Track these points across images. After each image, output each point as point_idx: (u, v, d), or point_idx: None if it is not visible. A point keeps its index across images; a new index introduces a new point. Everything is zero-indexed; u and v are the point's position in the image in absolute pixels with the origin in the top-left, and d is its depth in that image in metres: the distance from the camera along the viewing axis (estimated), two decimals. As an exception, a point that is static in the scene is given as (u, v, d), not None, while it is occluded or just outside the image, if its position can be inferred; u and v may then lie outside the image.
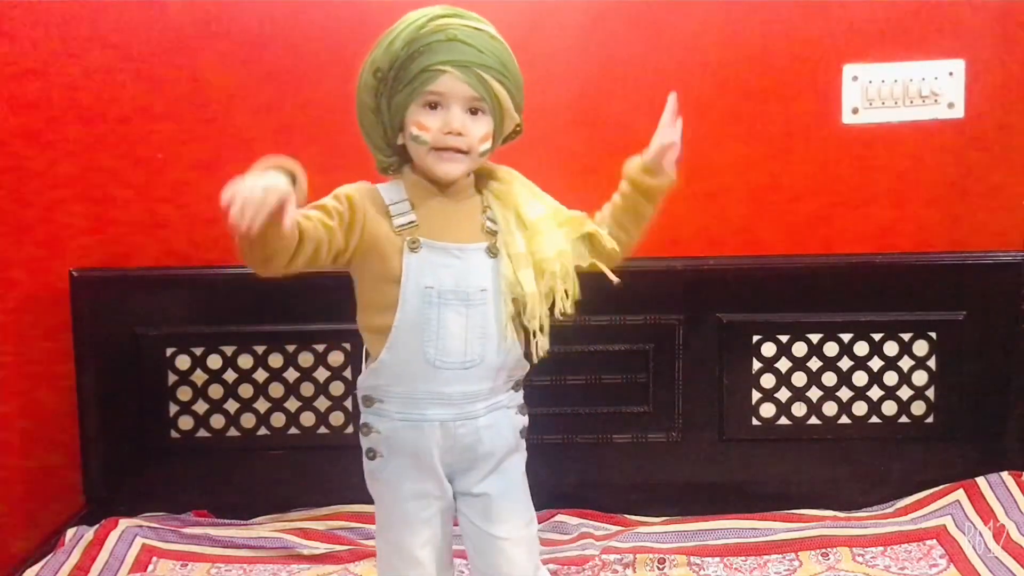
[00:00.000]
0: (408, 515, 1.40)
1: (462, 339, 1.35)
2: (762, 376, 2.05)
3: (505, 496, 1.43)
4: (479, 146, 1.35)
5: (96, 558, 1.80)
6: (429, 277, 1.34)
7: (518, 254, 1.37)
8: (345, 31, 2.02)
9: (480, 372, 1.37)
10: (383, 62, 1.34)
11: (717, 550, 1.87)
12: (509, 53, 1.37)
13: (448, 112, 1.33)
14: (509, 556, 1.42)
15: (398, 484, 1.39)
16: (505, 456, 1.42)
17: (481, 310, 1.36)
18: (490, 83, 1.33)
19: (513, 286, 1.37)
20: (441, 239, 1.36)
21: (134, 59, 2.02)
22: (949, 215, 2.08)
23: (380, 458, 1.40)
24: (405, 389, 1.37)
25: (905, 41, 2.04)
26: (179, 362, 2.03)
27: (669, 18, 2.04)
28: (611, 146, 2.07)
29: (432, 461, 1.38)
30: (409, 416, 1.37)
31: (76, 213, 2.06)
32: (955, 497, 1.94)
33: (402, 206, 1.37)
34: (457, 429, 1.38)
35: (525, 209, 1.40)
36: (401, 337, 1.34)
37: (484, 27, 1.35)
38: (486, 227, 1.39)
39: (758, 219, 2.09)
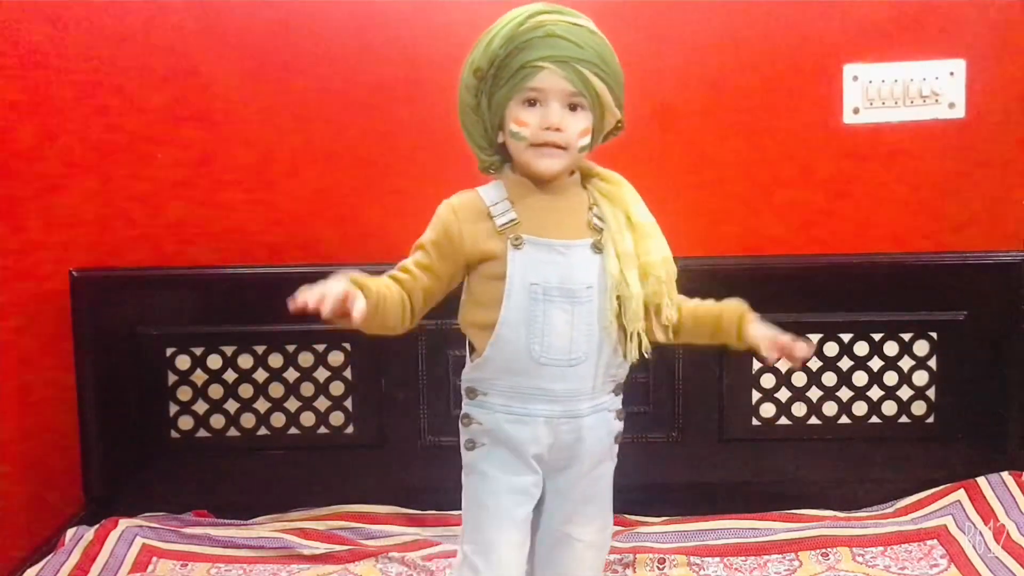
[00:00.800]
0: (502, 511, 1.38)
1: (567, 336, 1.35)
2: (762, 376, 2.05)
3: (591, 500, 1.43)
4: (578, 142, 1.34)
5: (96, 558, 1.79)
6: (533, 274, 1.34)
7: (626, 253, 1.36)
8: (344, 31, 2.02)
9: (584, 369, 1.36)
10: (483, 61, 1.34)
11: (717, 550, 1.87)
12: (609, 48, 1.36)
13: (547, 108, 1.32)
14: (580, 558, 1.42)
15: (496, 476, 1.38)
16: (600, 460, 1.42)
17: (587, 307, 1.35)
18: (589, 78, 1.32)
19: (619, 284, 1.36)
20: (544, 235, 1.35)
21: (134, 59, 2.02)
22: (949, 215, 2.08)
23: (481, 447, 1.38)
24: (510, 384, 1.36)
25: (905, 41, 2.04)
26: (179, 362, 2.03)
27: (669, 18, 2.04)
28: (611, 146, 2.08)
29: (530, 456, 1.38)
30: (513, 410, 1.37)
31: (76, 213, 2.06)
32: (955, 497, 1.94)
33: (503, 205, 1.36)
34: (560, 426, 1.37)
35: (635, 210, 1.39)
36: (506, 333, 1.34)
37: (583, 23, 1.35)
38: (592, 224, 1.38)
39: (758, 219, 2.09)
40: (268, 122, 2.05)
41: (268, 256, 2.08)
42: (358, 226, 2.08)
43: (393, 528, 1.97)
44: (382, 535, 1.95)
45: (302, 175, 2.07)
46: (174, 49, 2.02)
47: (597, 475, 1.42)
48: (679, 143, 2.07)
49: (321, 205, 2.08)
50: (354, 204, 2.07)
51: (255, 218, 2.07)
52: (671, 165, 2.07)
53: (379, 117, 2.05)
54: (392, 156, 2.06)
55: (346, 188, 2.08)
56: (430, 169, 1.99)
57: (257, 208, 2.07)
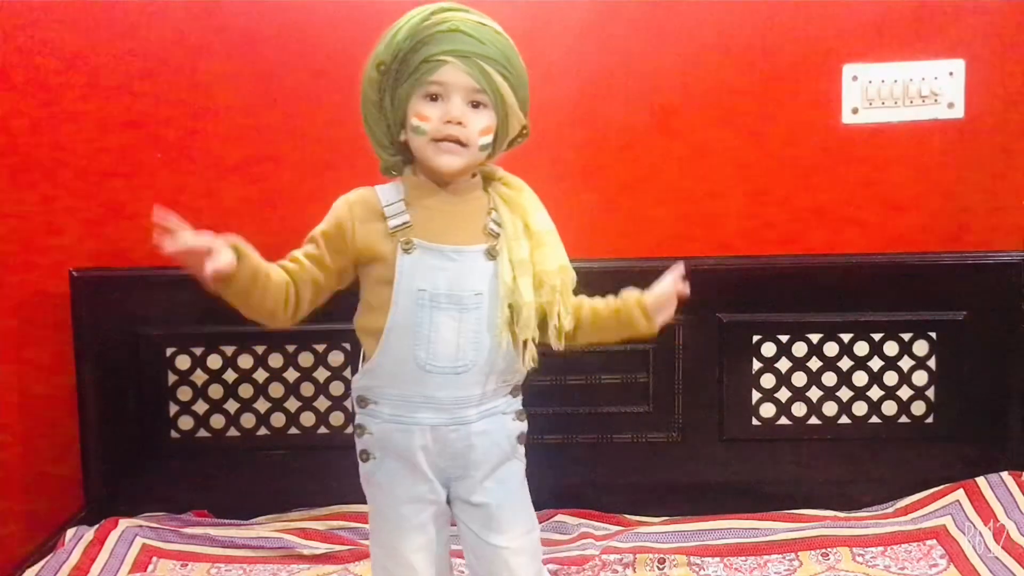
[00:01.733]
0: (402, 519, 1.39)
1: (454, 343, 1.34)
2: (762, 376, 2.05)
3: (504, 505, 1.41)
4: (479, 139, 1.34)
5: (96, 558, 1.80)
6: (422, 279, 1.33)
7: (521, 260, 1.36)
8: (346, 31, 2.02)
9: (472, 377, 1.35)
10: (386, 55, 1.34)
11: (717, 550, 1.87)
12: (513, 49, 1.36)
13: (449, 102, 1.32)
14: (511, 565, 1.41)
15: (391, 487, 1.39)
16: (500, 463, 1.41)
17: (475, 314, 1.34)
18: (492, 75, 1.32)
19: (511, 292, 1.35)
20: (437, 241, 1.35)
21: (134, 58, 2.03)
22: (949, 215, 2.08)
23: (373, 460, 1.39)
24: (397, 391, 1.36)
25: (905, 41, 2.04)
26: (179, 362, 2.03)
27: (669, 18, 2.04)
28: (611, 146, 2.08)
29: (422, 465, 1.37)
30: (400, 419, 1.36)
31: (76, 213, 2.06)
32: (955, 497, 1.94)
33: (397, 207, 1.36)
34: (448, 434, 1.37)
35: (533, 218, 1.39)
36: (393, 339, 1.34)
37: (488, 22, 1.35)
38: (488, 229, 1.37)
39: (758, 219, 2.09)
40: (269, 122, 2.05)
41: (268, 256, 2.07)
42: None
43: (393, 528, 1.97)
44: (382, 535, 1.95)
45: (302, 175, 2.07)
46: (175, 48, 2.03)
47: (501, 478, 1.41)
48: (679, 143, 2.07)
49: (321, 205, 2.07)
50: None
51: (255, 218, 2.07)
52: (671, 165, 2.07)
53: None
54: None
55: (347, 187, 2.07)
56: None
57: (257, 208, 2.07)
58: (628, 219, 2.07)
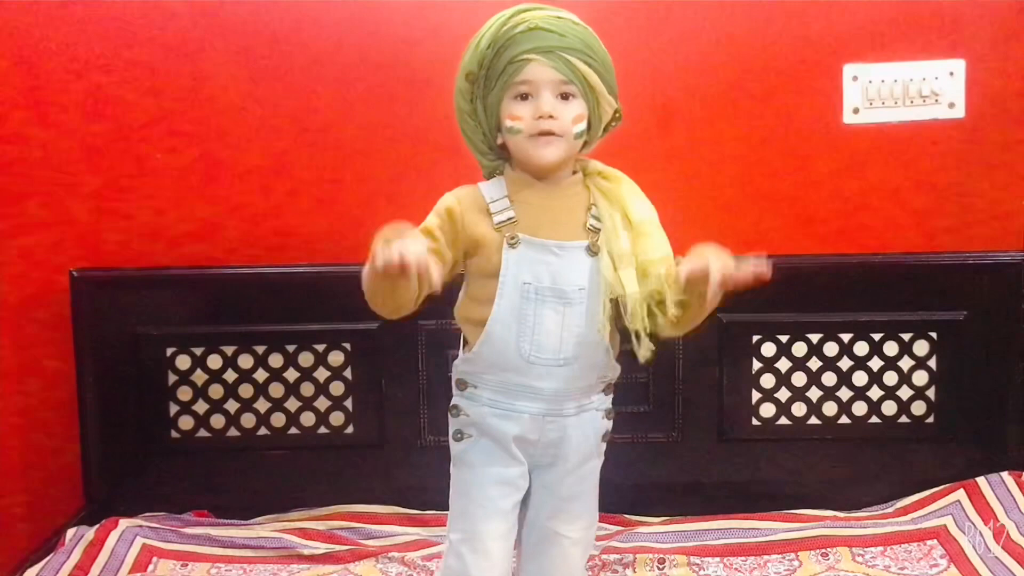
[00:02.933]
0: (488, 501, 1.39)
1: (557, 336, 1.36)
2: (762, 376, 2.05)
3: (577, 497, 1.43)
4: (572, 127, 1.35)
5: (96, 558, 1.79)
6: (527, 273, 1.35)
7: (622, 253, 1.37)
8: (345, 31, 2.02)
9: (573, 370, 1.37)
10: (472, 64, 1.36)
11: (717, 550, 1.87)
12: (594, 36, 1.38)
13: (539, 99, 1.34)
14: (566, 554, 1.43)
15: (483, 467, 1.39)
16: (587, 458, 1.43)
17: (578, 309, 1.36)
18: (576, 65, 1.34)
19: (613, 286, 1.36)
20: (540, 235, 1.36)
21: (135, 58, 2.02)
22: (949, 215, 2.08)
23: (468, 439, 1.40)
24: (498, 379, 1.38)
25: (905, 41, 2.04)
26: (179, 362, 2.03)
27: (669, 18, 2.04)
28: (611, 146, 2.08)
29: (516, 451, 1.39)
30: (499, 405, 1.38)
31: (76, 213, 2.06)
32: (955, 497, 1.94)
33: (502, 203, 1.38)
34: (546, 424, 1.38)
35: (632, 209, 1.40)
36: (497, 330, 1.35)
37: (565, 15, 1.37)
38: (589, 224, 1.38)
39: (758, 219, 2.09)
40: (269, 122, 2.05)
41: (268, 256, 2.08)
42: (359, 226, 2.06)
43: (393, 528, 1.97)
44: (382, 535, 1.95)
45: (302, 175, 2.07)
46: (175, 49, 2.02)
47: (583, 473, 1.43)
48: (679, 143, 2.07)
49: (322, 205, 2.08)
50: (355, 204, 2.07)
51: (255, 218, 2.07)
52: (671, 165, 2.07)
53: (381, 118, 2.05)
54: (394, 156, 2.06)
55: (347, 188, 2.08)
56: (432, 169, 1.99)
57: (257, 208, 2.07)
58: (628, 219, 2.07)
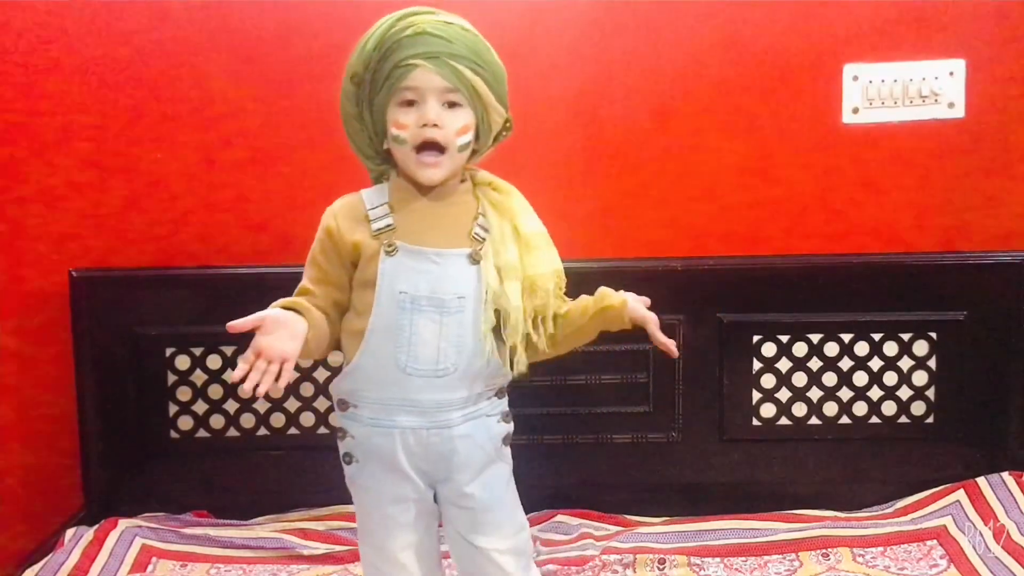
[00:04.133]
0: (387, 519, 1.39)
1: (435, 347, 1.33)
2: (762, 376, 2.05)
3: (489, 508, 1.41)
4: (456, 139, 1.33)
5: (96, 558, 1.80)
6: (403, 282, 1.33)
7: (509, 265, 1.35)
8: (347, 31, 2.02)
9: (454, 381, 1.35)
10: (358, 66, 1.35)
11: (717, 550, 1.87)
12: (484, 44, 1.36)
13: (424, 106, 1.32)
14: (497, 562, 1.41)
15: (376, 488, 1.39)
16: (485, 466, 1.40)
17: (457, 318, 1.34)
18: (463, 72, 1.32)
19: (498, 296, 1.34)
20: (419, 243, 1.34)
21: (135, 57, 2.02)
22: (949, 215, 2.08)
23: (356, 463, 1.39)
24: (377, 395, 1.36)
25: (905, 41, 2.04)
26: (179, 362, 2.03)
27: (669, 18, 2.04)
28: (611, 146, 2.08)
29: (404, 468, 1.37)
30: (380, 422, 1.36)
31: (76, 213, 2.06)
32: (955, 497, 1.94)
33: (381, 210, 1.37)
34: (430, 438, 1.36)
35: (523, 222, 1.38)
36: (374, 341, 1.34)
37: (456, 20, 1.35)
38: (474, 233, 1.37)
39: (758, 219, 2.09)
40: (269, 122, 2.05)
41: (268, 256, 2.08)
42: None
43: (393, 528, 1.97)
44: (382, 535, 1.95)
45: (303, 175, 2.06)
46: (174, 49, 2.02)
47: (487, 481, 1.40)
48: (678, 143, 2.07)
49: (323, 205, 2.08)
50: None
51: (256, 218, 2.07)
52: (671, 165, 2.07)
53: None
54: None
55: (347, 188, 2.07)
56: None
57: (258, 208, 2.07)
58: (627, 219, 2.07)
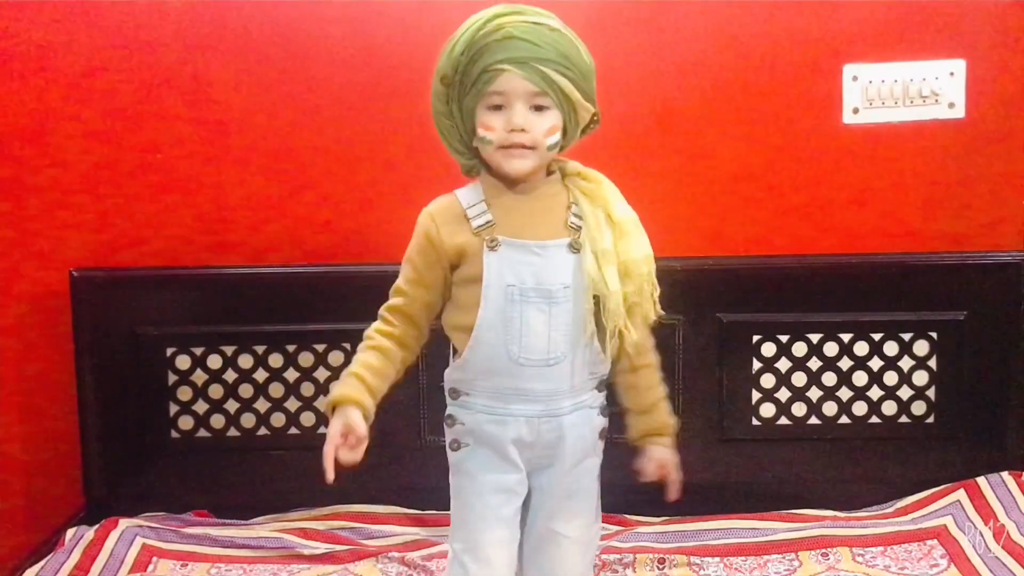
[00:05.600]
0: (488, 510, 1.40)
1: (545, 336, 1.35)
2: (762, 376, 2.05)
3: (575, 496, 1.43)
4: (545, 140, 1.34)
5: (96, 558, 1.79)
6: (510, 275, 1.35)
7: (605, 251, 1.37)
8: (347, 31, 2.02)
9: (563, 369, 1.37)
10: (447, 68, 1.35)
11: (717, 550, 1.87)
12: (573, 44, 1.36)
13: (511, 110, 1.33)
14: (565, 553, 1.43)
15: (481, 475, 1.40)
16: (584, 457, 1.43)
17: (564, 307, 1.36)
18: (551, 76, 1.32)
19: (596, 283, 1.36)
20: (520, 236, 1.36)
21: (135, 58, 2.02)
22: (949, 215, 2.08)
23: (465, 448, 1.40)
24: (490, 384, 1.38)
25: (905, 41, 2.04)
26: (179, 362, 2.03)
27: (669, 18, 2.04)
28: (611, 146, 2.08)
29: (512, 455, 1.39)
30: (494, 411, 1.38)
31: (76, 213, 2.06)
32: (955, 497, 1.94)
33: (479, 207, 1.38)
34: (541, 425, 1.38)
35: (615, 208, 1.40)
36: (484, 335, 1.35)
37: (544, 20, 1.35)
38: (570, 223, 1.38)
39: (758, 219, 2.09)
40: (269, 122, 2.05)
41: (268, 256, 2.08)
42: (359, 226, 2.07)
43: (393, 528, 1.97)
44: (382, 535, 1.95)
45: (302, 175, 2.07)
46: (175, 49, 2.02)
47: (580, 471, 1.43)
48: (679, 143, 2.07)
49: (322, 204, 2.08)
50: (355, 203, 2.07)
51: (256, 218, 2.07)
52: (671, 165, 2.07)
53: (380, 117, 2.05)
54: (394, 156, 2.06)
55: (347, 187, 2.08)
56: (432, 169, 1.98)
57: (258, 208, 2.07)
58: (628, 219, 2.07)
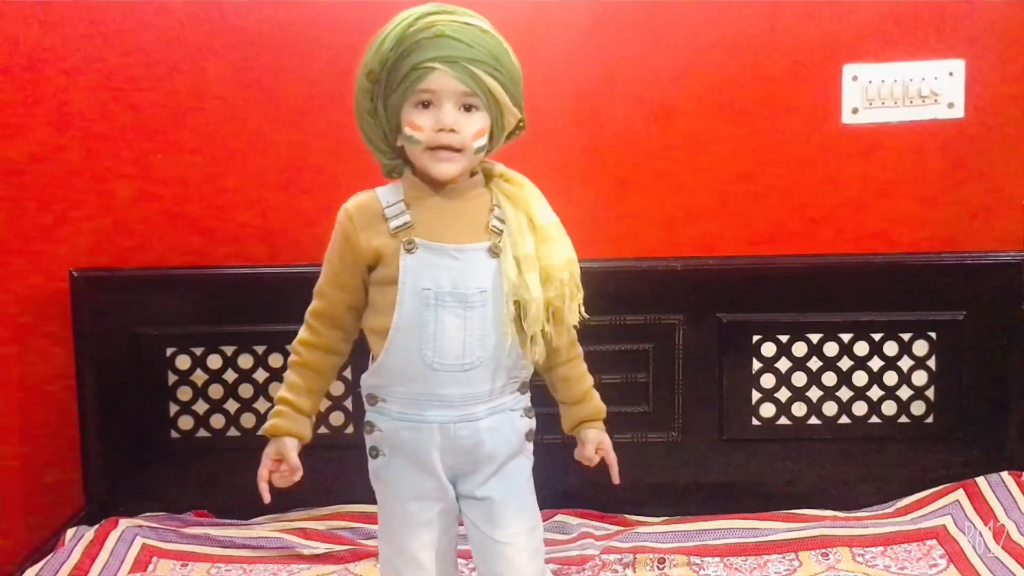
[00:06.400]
0: (409, 516, 1.40)
1: (460, 341, 1.34)
2: (762, 376, 2.05)
3: (507, 500, 1.42)
4: (473, 143, 1.34)
5: (96, 558, 1.79)
6: (427, 278, 1.34)
7: (527, 256, 1.36)
8: (347, 31, 2.02)
9: (480, 374, 1.36)
10: (375, 63, 1.34)
11: (717, 550, 1.87)
12: (503, 47, 1.35)
13: (440, 109, 1.32)
14: (511, 561, 1.41)
15: (400, 483, 1.39)
16: (508, 459, 1.41)
17: (480, 311, 1.35)
18: (481, 77, 1.32)
19: (517, 288, 1.35)
20: (439, 240, 1.35)
21: (135, 59, 2.02)
22: (949, 215, 2.08)
23: (382, 456, 1.40)
24: (405, 390, 1.37)
25: (905, 41, 2.04)
26: (179, 362, 2.03)
27: (669, 18, 2.04)
28: (611, 146, 2.08)
29: (432, 462, 1.38)
30: (409, 417, 1.37)
31: (76, 213, 2.06)
32: (955, 497, 1.94)
33: (397, 207, 1.36)
34: (458, 431, 1.37)
35: (537, 212, 1.39)
36: (399, 339, 1.34)
37: (475, 22, 1.34)
38: (491, 226, 1.38)
39: (758, 219, 2.09)
40: (270, 122, 2.05)
41: (268, 256, 2.08)
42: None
43: (393, 528, 1.97)
44: (382, 535, 1.95)
45: (302, 175, 2.07)
46: (174, 49, 2.02)
47: (508, 474, 1.42)
48: (679, 143, 2.07)
49: (323, 205, 2.08)
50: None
51: (256, 218, 2.07)
52: (670, 165, 2.07)
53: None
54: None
55: (346, 188, 2.07)
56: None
57: (258, 208, 2.07)
58: (628, 219, 2.07)
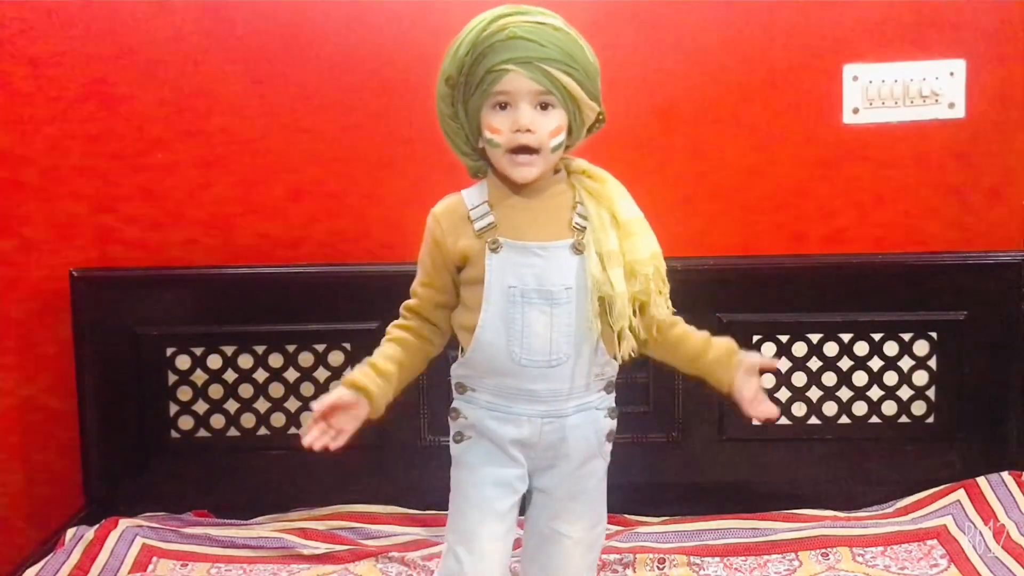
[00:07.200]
0: (485, 503, 1.39)
1: (546, 338, 1.35)
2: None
3: (579, 498, 1.43)
4: (550, 141, 1.34)
5: (96, 558, 1.79)
6: (511, 276, 1.35)
7: (610, 252, 1.36)
8: (348, 32, 2.02)
9: (566, 370, 1.37)
10: (452, 69, 1.35)
11: (717, 550, 1.87)
12: (577, 43, 1.36)
13: (516, 110, 1.33)
14: (568, 554, 1.43)
15: (481, 468, 1.40)
16: (588, 459, 1.42)
17: (566, 308, 1.35)
18: (555, 75, 1.32)
19: (601, 284, 1.36)
20: (522, 238, 1.36)
21: (136, 58, 2.02)
22: (949, 215, 2.08)
23: (467, 440, 1.40)
24: (494, 383, 1.38)
25: (905, 41, 2.04)
26: (179, 362, 2.03)
27: (669, 18, 2.04)
28: (611, 146, 2.08)
29: (514, 452, 1.39)
30: (497, 408, 1.38)
31: (76, 213, 2.06)
32: (955, 497, 1.94)
33: (481, 209, 1.38)
34: (544, 426, 1.38)
35: (620, 208, 1.39)
36: (485, 336, 1.36)
37: (548, 20, 1.35)
38: (574, 224, 1.38)
39: (758, 219, 2.09)
40: (269, 122, 2.05)
41: (269, 256, 2.08)
42: (359, 226, 2.08)
43: (393, 528, 1.97)
44: (382, 535, 1.95)
45: (302, 175, 2.07)
46: (174, 49, 2.02)
47: (585, 473, 1.42)
48: (679, 143, 2.07)
49: (322, 205, 2.08)
50: (355, 204, 2.07)
51: (256, 218, 2.07)
52: (671, 165, 2.07)
53: (381, 117, 2.05)
54: (394, 155, 2.06)
55: (346, 187, 2.08)
56: (433, 168, 1.98)
57: (258, 208, 2.07)
58: (628, 219, 2.07)
